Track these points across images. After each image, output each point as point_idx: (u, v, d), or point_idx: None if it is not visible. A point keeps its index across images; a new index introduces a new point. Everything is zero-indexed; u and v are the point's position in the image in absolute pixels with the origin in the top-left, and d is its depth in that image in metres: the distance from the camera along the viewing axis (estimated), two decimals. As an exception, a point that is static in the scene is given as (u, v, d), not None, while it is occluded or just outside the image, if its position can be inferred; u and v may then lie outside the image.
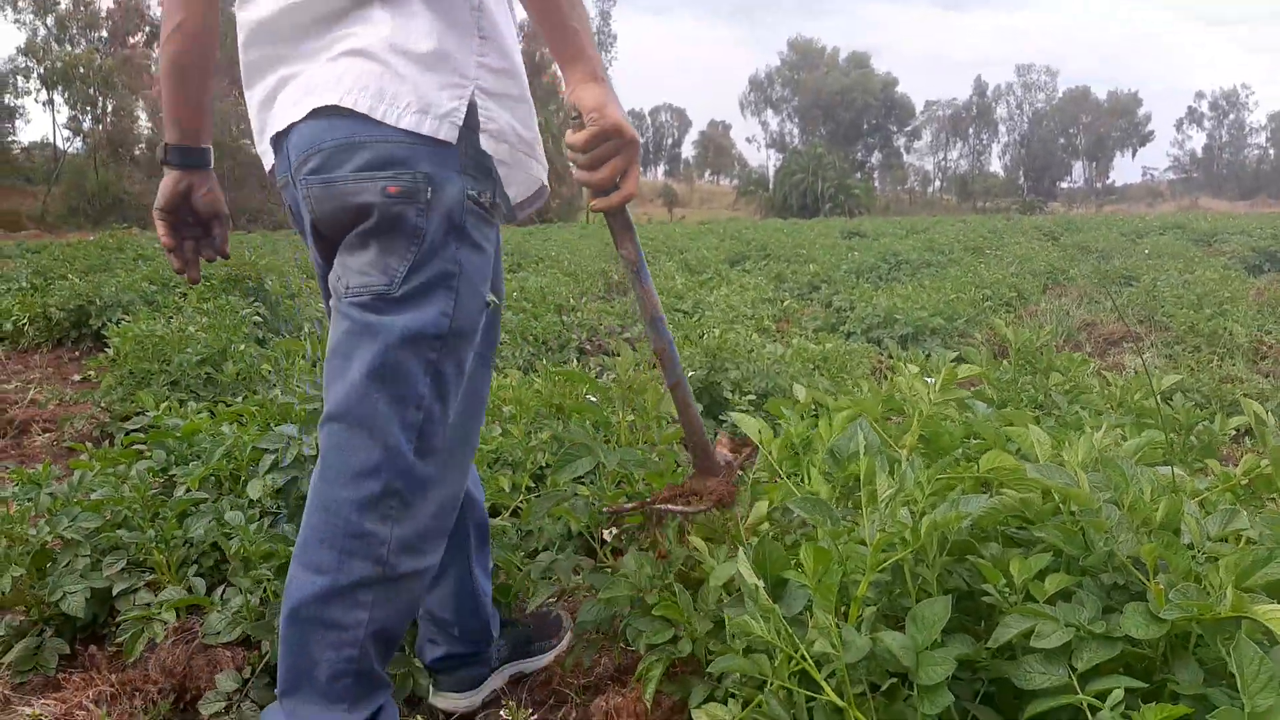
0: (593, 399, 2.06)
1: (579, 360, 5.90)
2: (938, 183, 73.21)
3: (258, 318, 5.88)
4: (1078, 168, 73.99)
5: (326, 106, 1.35)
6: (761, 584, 1.30)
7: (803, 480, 1.53)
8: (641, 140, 1.48)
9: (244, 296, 6.67)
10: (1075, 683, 1.15)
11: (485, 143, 1.42)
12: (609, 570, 1.79)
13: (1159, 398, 2.66)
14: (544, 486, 2.54)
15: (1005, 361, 2.92)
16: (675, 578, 1.62)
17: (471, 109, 1.39)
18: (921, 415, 1.65)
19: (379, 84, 1.35)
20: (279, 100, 1.45)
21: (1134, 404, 2.52)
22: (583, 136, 1.32)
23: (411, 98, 1.35)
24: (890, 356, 6.28)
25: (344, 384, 1.39)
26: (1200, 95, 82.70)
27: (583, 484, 2.19)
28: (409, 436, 1.38)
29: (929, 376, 1.69)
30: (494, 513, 2.63)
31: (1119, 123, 71.86)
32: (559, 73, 1.36)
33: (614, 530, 2.01)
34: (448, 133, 1.36)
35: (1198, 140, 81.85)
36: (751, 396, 4.45)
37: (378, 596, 1.37)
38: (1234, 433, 3.49)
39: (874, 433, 1.43)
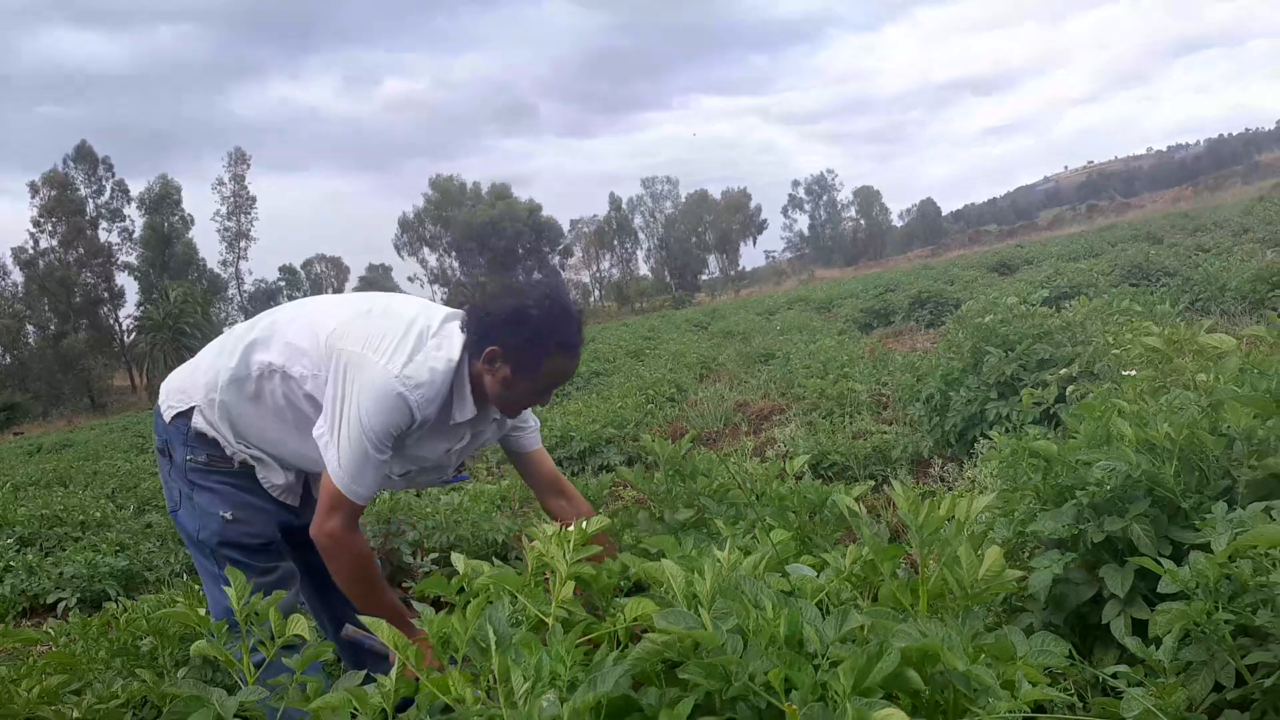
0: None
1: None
2: (597, 292, 77.32)
3: None
4: (712, 260, 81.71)
5: None
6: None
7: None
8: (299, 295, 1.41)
9: None
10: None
11: None
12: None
13: (794, 479, 2.87)
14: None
15: (657, 475, 3.02)
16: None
17: None
18: (563, 575, 1.61)
19: None
20: None
21: (773, 492, 2.68)
22: None
23: None
24: (572, 474, 6.37)
25: None
26: (796, 183, 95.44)
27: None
28: None
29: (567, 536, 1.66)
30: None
31: (736, 216, 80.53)
32: None
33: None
34: None
35: (802, 222, 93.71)
36: (435, 555, 4.25)
37: None
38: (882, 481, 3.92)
39: (503, 620, 1.36)
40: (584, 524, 1.63)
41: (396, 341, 2.26)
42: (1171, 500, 2.18)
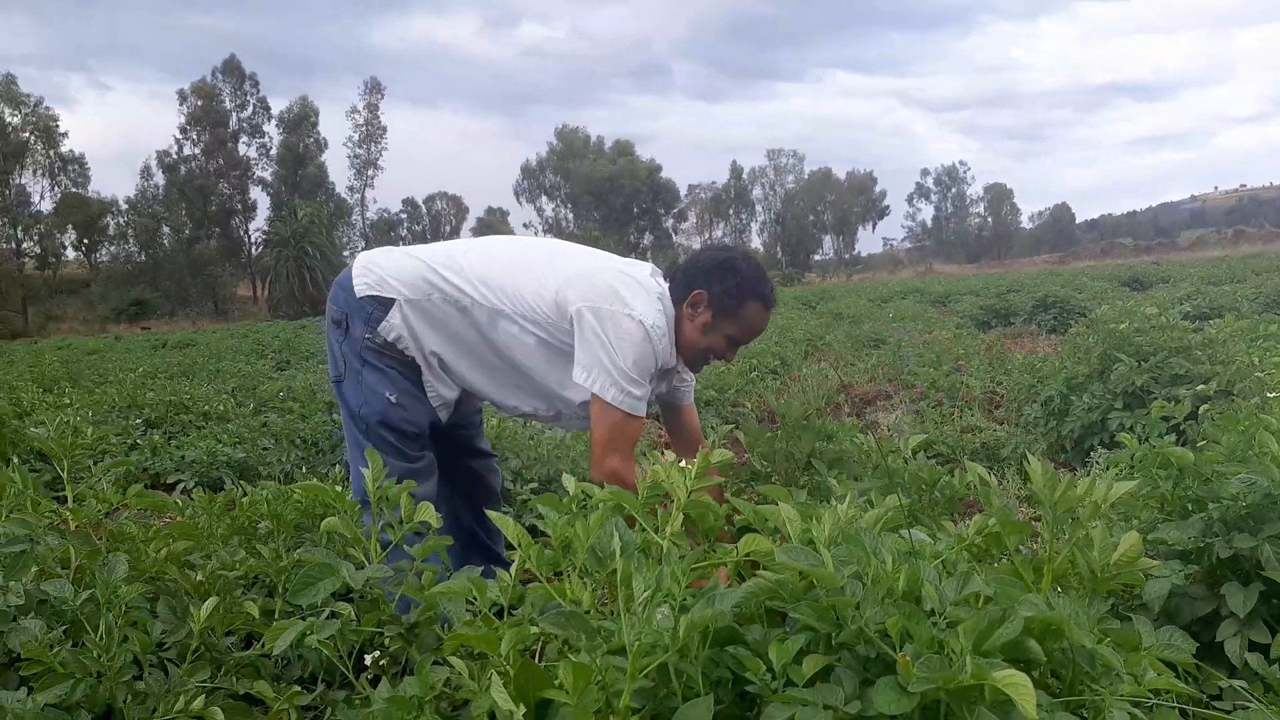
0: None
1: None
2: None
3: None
4: (827, 241, 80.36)
5: None
6: (521, 709, 1.21)
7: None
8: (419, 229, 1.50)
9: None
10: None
11: None
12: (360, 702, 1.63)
13: (906, 457, 2.83)
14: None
15: (774, 431, 3.02)
16: (437, 704, 1.49)
17: None
18: (680, 503, 1.63)
19: None
20: None
21: (884, 465, 2.65)
22: None
23: None
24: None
25: None
26: (926, 172, 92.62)
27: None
28: None
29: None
30: (246, 643, 2.39)
31: (859, 199, 78.86)
32: None
33: (375, 654, 1.85)
34: None
35: (927, 212, 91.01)
36: (534, 485, 4.37)
37: None
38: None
39: (628, 530, 1.39)
40: (708, 454, 1.65)
41: (633, 292, 2.47)
42: (1310, 526, 2.07)
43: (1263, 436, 2.19)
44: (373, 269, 2.57)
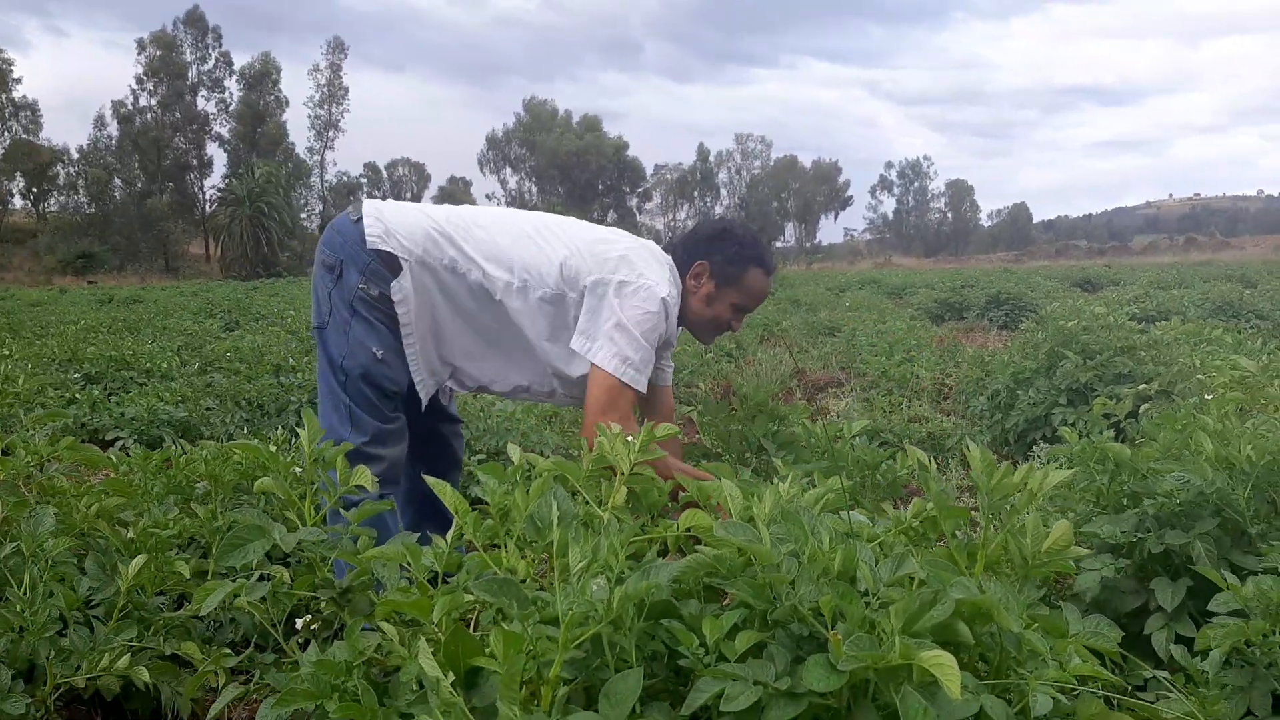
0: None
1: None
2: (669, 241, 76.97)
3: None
4: (790, 228, 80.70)
5: None
6: (449, 676, 1.20)
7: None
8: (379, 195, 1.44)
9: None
10: (765, 744, 1.14)
11: None
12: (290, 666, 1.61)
13: (852, 441, 2.85)
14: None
15: (732, 410, 3.02)
16: (367, 670, 1.47)
17: None
18: (623, 476, 1.62)
19: None
20: None
21: (829, 449, 2.67)
22: None
23: None
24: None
25: None
26: (890, 164, 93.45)
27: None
28: None
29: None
30: (179, 604, 2.34)
31: (823, 188, 79.23)
32: None
33: (307, 618, 1.82)
34: None
35: (889, 205, 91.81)
36: (481, 456, 4.34)
37: None
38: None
39: (568, 500, 1.38)
40: (652, 427, 1.64)
41: (648, 264, 2.49)
42: (1239, 524, 2.13)
43: (1199, 437, 2.24)
44: (384, 220, 2.48)
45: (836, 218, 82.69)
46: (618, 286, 2.43)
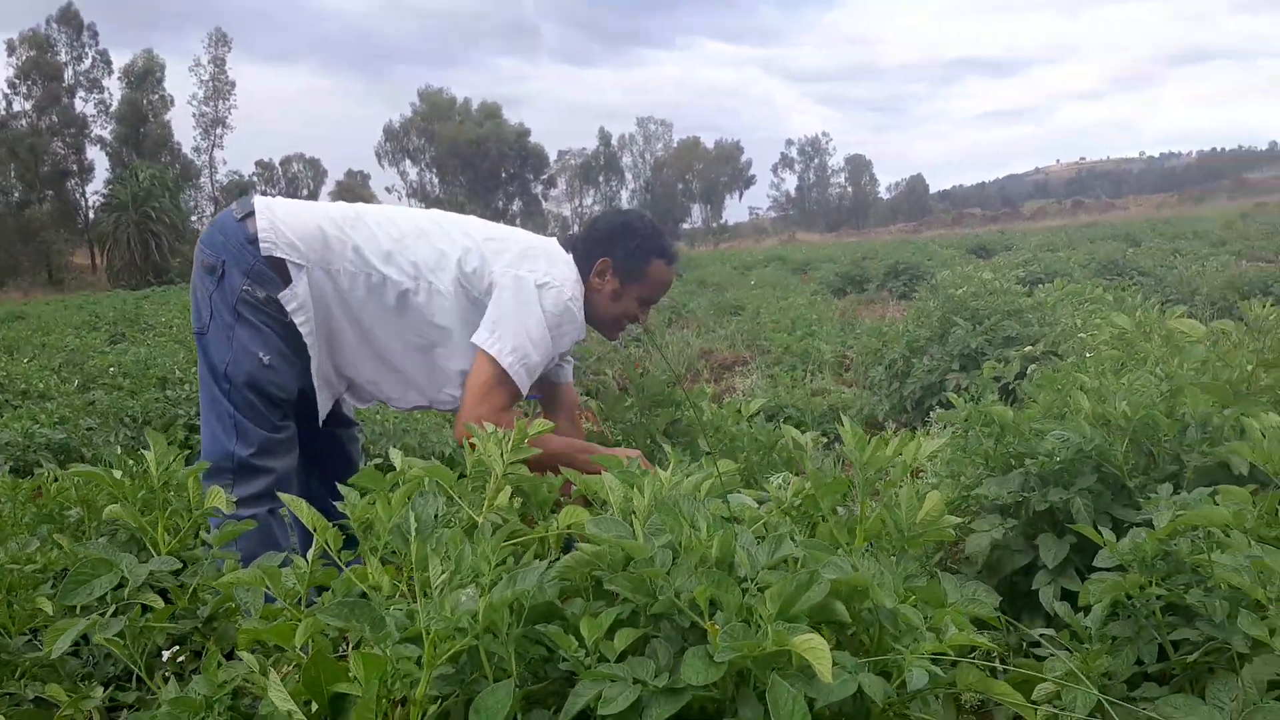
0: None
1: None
2: (576, 228, 76.61)
3: None
4: (695, 210, 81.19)
5: None
6: (313, 705, 1.13)
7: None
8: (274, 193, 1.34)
9: None
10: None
11: None
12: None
13: (748, 420, 2.84)
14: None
15: (631, 400, 2.98)
16: (237, 701, 1.38)
17: None
18: (498, 476, 1.56)
19: None
20: None
21: (726, 430, 2.66)
22: None
23: None
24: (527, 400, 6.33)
25: None
26: (790, 142, 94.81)
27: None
28: None
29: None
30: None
31: (726, 168, 79.83)
32: None
33: (174, 650, 1.72)
34: None
35: (791, 182, 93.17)
36: (377, 460, 4.21)
37: None
38: (827, 441, 3.97)
39: (433, 507, 1.31)
40: (525, 425, 1.58)
41: (552, 262, 2.44)
42: (1118, 478, 2.18)
43: (1076, 395, 2.29)
44: (275, 220, 2.34)
45: (741, 197, 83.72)
46: (521, 283, 2.37)
